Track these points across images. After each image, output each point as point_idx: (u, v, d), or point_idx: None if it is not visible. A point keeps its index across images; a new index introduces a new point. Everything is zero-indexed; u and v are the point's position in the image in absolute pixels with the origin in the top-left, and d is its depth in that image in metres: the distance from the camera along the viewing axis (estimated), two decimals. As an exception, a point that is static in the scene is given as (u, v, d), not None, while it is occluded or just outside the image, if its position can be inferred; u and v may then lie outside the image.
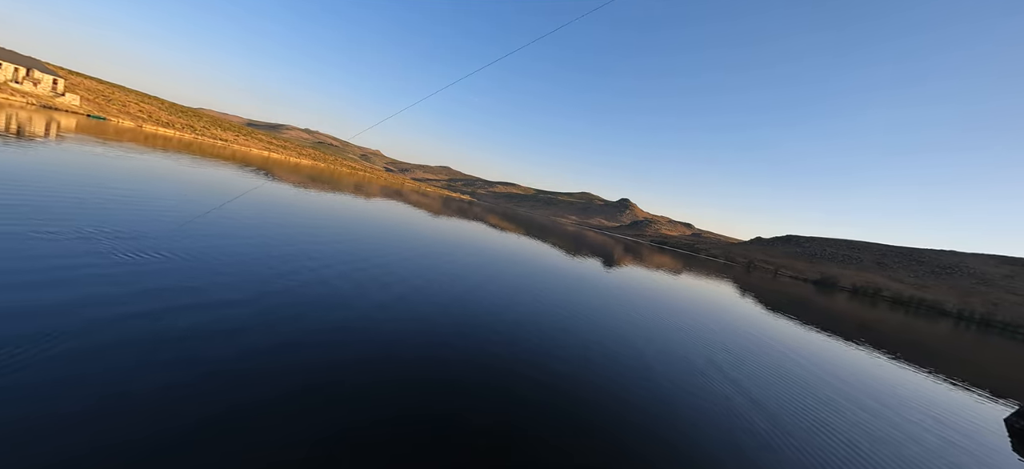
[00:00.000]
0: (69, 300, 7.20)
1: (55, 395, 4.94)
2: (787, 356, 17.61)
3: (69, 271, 8.33)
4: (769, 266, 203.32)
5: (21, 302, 6.77)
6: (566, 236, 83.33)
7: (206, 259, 11.14)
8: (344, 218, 26.72)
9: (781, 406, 11.05)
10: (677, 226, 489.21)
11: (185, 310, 7.92)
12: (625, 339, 13.94)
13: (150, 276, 9.12)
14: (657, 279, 38.60)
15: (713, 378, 12.11)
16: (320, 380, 6.68)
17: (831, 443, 9.32)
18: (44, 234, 9.92)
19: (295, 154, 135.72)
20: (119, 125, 63.41)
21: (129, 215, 13.59)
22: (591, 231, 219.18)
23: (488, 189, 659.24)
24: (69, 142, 28.72)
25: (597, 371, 10.30)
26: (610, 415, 8.10)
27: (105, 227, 11.67)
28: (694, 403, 9.76)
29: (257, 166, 56.54)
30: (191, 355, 6.48)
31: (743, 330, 21.53)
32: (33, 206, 11.92)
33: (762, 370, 14.33)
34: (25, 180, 14.67)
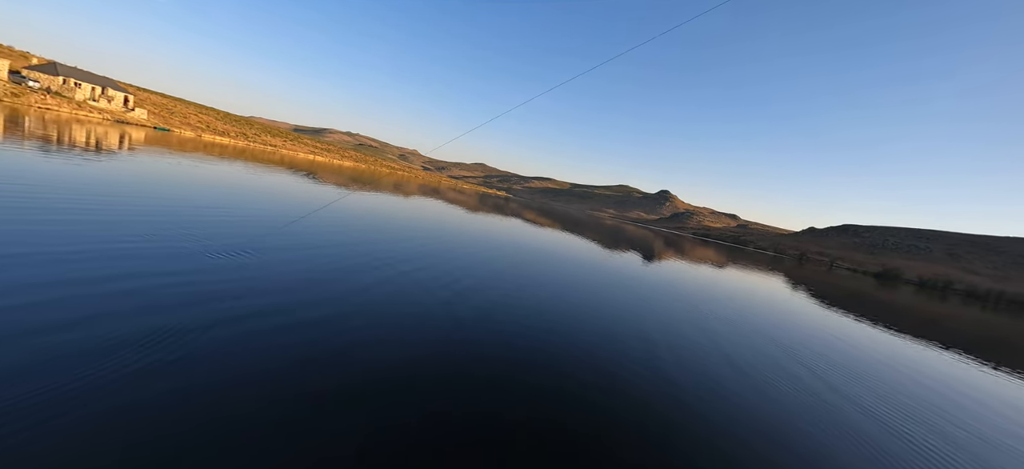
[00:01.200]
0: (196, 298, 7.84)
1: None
2: (867, 356, 16.39)
3: (187, 274, 9.06)
4: (823, 258, 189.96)
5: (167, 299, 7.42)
6: (603, 230, 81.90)
7: (287, 266, 11.78)
8: (397, 221, 27.51)
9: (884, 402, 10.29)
10: (721, 218, 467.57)
11: (281, 309, 8.48)
12: (684, 337, 13.47)
13: (247, 279, 9.75)
14: (701, 274, 37.14)
15: (771, 379, 11.46)
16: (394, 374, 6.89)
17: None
18: (166, 239, 10.86)
19: (338, 156, 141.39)
20: (181, 135, 68.51)
21: (228, 227, 14.59)
22: (629, 225, 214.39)
23: (524, 184, 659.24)
24: (143, 153, 31.32)
25: (658, 377, 10.00)
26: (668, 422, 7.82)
27: (213, 237, 12.63)
28: (757, 399, 9.26)
29: (304, 169, 59.44)
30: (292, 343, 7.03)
31: (797, 327, 20.27)
32: (144, 218, 13.07)
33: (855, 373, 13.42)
34: (120, 191, 16.11)
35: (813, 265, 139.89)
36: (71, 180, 16.42)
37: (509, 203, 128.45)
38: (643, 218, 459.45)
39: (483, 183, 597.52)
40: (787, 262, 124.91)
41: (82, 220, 11.75)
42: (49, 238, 9.83)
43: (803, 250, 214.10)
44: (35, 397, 4.83)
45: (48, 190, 14.14)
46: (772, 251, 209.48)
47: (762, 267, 69.33)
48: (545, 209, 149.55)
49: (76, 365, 5.56)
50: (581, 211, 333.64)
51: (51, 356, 5.62)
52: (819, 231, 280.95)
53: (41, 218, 11.17)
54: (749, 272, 51.34)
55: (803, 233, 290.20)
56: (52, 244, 9.51)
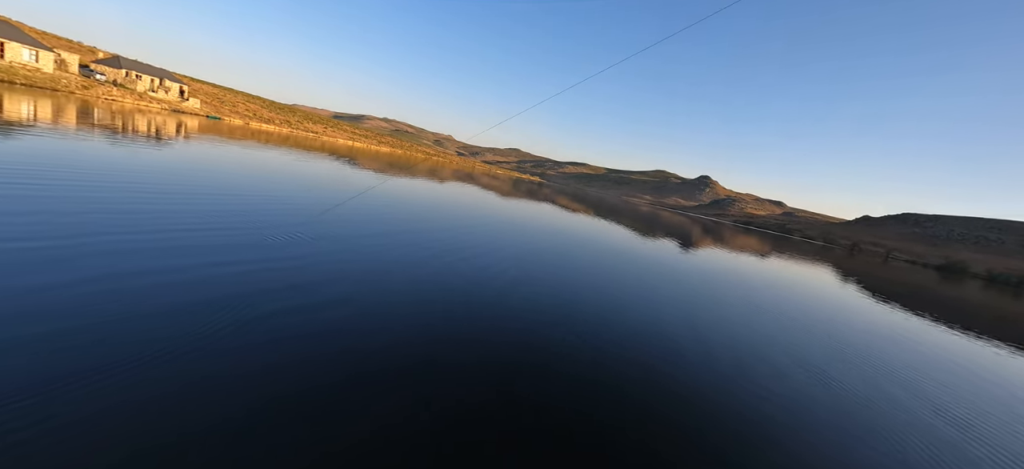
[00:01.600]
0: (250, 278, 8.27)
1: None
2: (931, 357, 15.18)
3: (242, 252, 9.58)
4: (879, 249, 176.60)
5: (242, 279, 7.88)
6: (638, 217, 79.87)
7: (336, 253, 12.20)
8: (437, 208, 27.90)
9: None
10: (765, 205, 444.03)
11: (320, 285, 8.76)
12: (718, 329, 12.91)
13: (297, 262, 10.17)
14: (738, 262, 35.50)
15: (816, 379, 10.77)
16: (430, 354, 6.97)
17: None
18: (232, 223, 11.52)
19: (375, 142, 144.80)
20: (231, 123, 72.15)
21: (281, 215, 15.29)
22: (667, 211, 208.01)
23: (558, 170, 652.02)
24: (200, 141, 33.21)
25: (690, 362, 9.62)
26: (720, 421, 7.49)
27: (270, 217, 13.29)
28: (792, 400, 8.73)
29: (344, 154, 61.27)
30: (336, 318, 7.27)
31: (840, 321, 18.98)
32: (209, 202, 13.89)
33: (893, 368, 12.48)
34: (188, 175, 17.17)
35: (866, 256, 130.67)
36: (140, 166, 17.60)
37: (542, 189, 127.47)
38: (681, 204, 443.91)
39: (517, 168, 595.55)
40: (837, 252, 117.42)
41: (164, 203, 12.55)
42: (127, 225, 10.53)
43: (855, 240, 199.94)
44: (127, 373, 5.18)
45: (118, 176, 15.19)
46: (821, 240, 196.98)
47: (808, 257, 65.51)
48: (579, 195, 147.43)
49: (150, 343, 5.93)
50: (616, 197, 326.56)
51: (131, 340, 6.00)
52: (875, 220, 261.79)
53: (107, 208, 11.97)
54: (793, 262, 48.62)
55: (856, 221, 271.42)
56: (136, 230, 10.19)
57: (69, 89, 48.97)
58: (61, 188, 12.12)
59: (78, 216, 10.29)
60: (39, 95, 39.85)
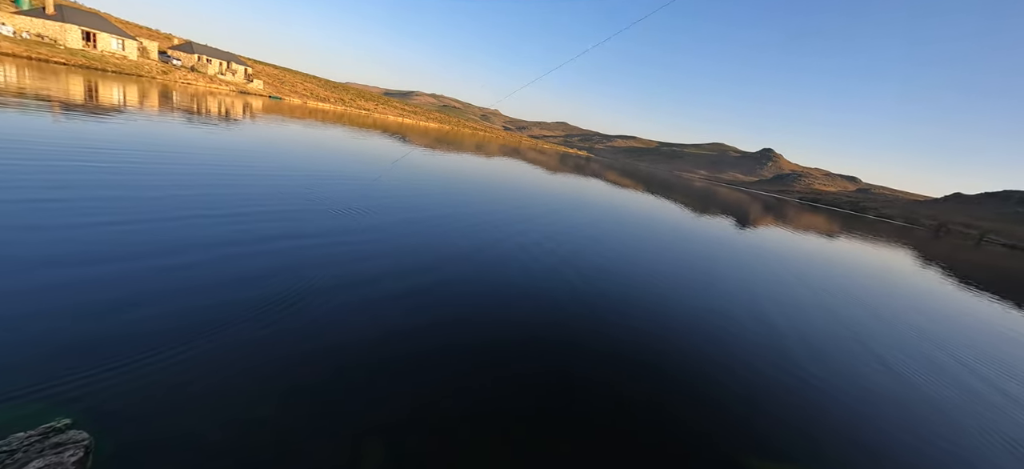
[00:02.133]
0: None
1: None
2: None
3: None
4: (970, 231, 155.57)
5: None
6: (690, 193, 75.70)
7: (398, 229, 12.40)
8: (491, 183, 27.81)
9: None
10: (836, 180, 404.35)
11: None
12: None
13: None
14: (790, 243, 32.51)
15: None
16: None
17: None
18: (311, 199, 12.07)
19: (424, 118, 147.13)
20: (291, 103, 75.85)
21: (345, 191, 15.83)
22: (723, 187, 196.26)
23: (606, 143, 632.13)
24: (269, 121, 35.09)
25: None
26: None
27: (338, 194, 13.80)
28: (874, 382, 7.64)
29: (394, 131, 62.66)
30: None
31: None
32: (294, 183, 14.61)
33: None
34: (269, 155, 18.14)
35: (955, 238, 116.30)
36: (219, 146, 18.72)
37: (590, 163, 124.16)
38: (739, 180, 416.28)
39: (564, 142, 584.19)
40: (919, 234, 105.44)
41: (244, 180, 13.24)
42: (219, 201, 11.14)
43: (943, 220, 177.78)
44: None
45: (213, 157, 16.21)
46: (901, 220, 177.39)
47: (882, 238, 59.14)
48: (628, 170, 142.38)
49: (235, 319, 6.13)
50: (668, 172, 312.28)
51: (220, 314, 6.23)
52: (968, 198, 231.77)
53: (191, 183, 12.70)
54: (860, 243, 44.00)
55: (946, 199, 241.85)
56: (227, 206, 10.77)
57: (151, 75, 53.32)
58: (161, 169, 13.02)
59: (189, 191, 10.97)
60: (127, 81, 43.67)
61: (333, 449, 4.57)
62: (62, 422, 4.12)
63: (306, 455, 4.43)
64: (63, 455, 3.70)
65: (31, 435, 3.86)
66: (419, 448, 4.85)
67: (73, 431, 4.03)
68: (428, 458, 4.75)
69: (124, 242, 8.20)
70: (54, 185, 10.30)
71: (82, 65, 45.70)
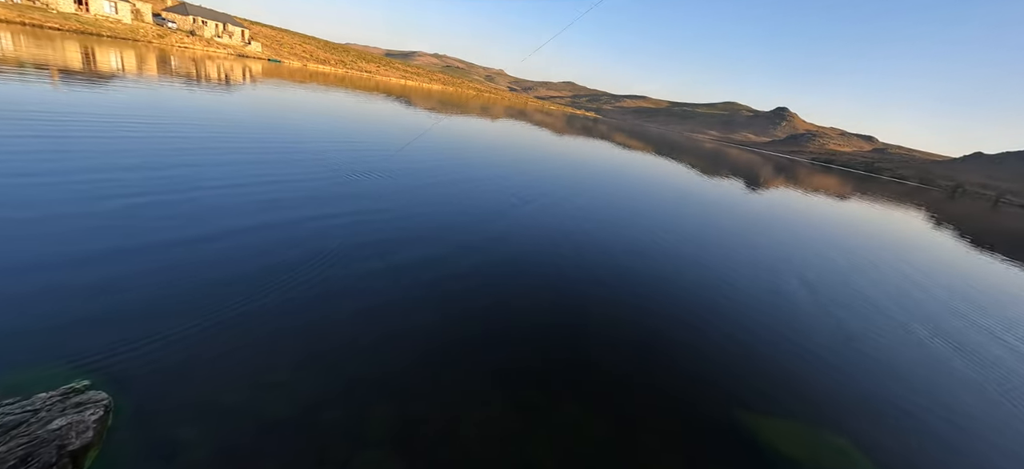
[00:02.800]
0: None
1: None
2: None
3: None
4: (986, 192, 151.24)
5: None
6: (699, 155, 74.25)
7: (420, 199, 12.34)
8: (504, 152, 27.39)
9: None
10: (851, 140, 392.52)
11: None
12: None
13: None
14: (787, 205, 32.01)
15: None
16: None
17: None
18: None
19: (427, 80, 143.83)
20: (290, 66, 74.29)
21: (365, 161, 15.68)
22: (734, 148, 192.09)
23: (615, 104, 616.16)
24: (269, 86, 34.48)
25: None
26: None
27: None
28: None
29: (398, 94, 61.45)
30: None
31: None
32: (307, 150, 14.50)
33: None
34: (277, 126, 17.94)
35: (970, 199, 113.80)
36: (232, 115, 18.50)
37: (597, 125, 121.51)
38: (751, 141, 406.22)
39: (571, 103, 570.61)
40: (934, 195, 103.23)
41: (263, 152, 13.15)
42: (227, 175, 11.10)
43: (960, 180, 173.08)
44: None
45: (215, 124, 16.05)
46: (916, 181, 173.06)
47: (894, 199, 58.03)
48: (637, 131, 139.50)
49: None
50: (679, 133, 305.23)
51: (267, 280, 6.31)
52: (989, 157, 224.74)
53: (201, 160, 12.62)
54: (870, 205, 43.25)
55: (965, 159, 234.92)
56: (255, 186, 10.74)
57: (147, 39, 52.18)
58: (164, 140, 12.93)
59: (196, 167, 10.93)
60: (123, 46, 42.79)
61: (345, 412, 4.68)
62: (81, 383, 4.24)
63: (320, 417, 4.55)
64: (84, 414, 3.82)
65: (52, 395, 3.98)
66: (424, 412, 4.96)
67: (92, 392, 4.15)
68: (430, 422, 4.85)
69: (139, 216, 8.23)
70: (73, 160, 10.27)
71: (77, 30, 44.75)
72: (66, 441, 3.51)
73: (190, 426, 4.12)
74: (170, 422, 4.12)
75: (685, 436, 5.42)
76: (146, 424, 4.05)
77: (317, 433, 4.35)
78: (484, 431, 4.82)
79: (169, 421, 4.13)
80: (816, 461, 5.42)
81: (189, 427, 4.11)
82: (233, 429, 4.20)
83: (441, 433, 4.67)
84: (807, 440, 5.80)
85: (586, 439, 5.02)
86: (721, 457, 5.20)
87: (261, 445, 4.10)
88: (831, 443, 5.82)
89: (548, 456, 4.67)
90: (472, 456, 4.48)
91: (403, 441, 4.48)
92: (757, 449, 5.43)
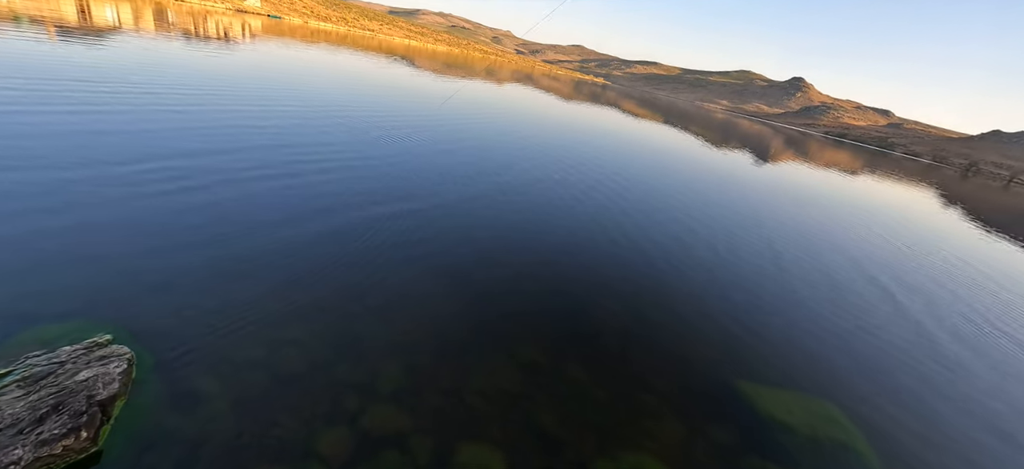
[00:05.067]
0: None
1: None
2: None
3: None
4: (1000, 171, 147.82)
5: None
6: (708, 125, 72.80)
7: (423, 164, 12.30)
8: (523, 122, 26.97)
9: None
10: (867, 113, 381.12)
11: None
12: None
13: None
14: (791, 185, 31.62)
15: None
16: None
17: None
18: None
19: (432, 41, 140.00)
20: (291, 23, 72.31)
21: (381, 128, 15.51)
22: (745, 119, 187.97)
23: (625, 70, 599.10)
24: (269, 44, 33.70)
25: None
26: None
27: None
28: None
29: (402, 55, 60.01)
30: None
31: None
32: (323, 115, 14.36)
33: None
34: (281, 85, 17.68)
35: (984, 179, 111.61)
36: (236, 76, 18.21)
37: (606, 92, 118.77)
38: (763, 112, 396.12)
39: (580, 68, 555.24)
40: (947, 173, 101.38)
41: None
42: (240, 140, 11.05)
43: (975, 159, 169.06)
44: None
45: (218, 84, 15.84)
46: (929, 158, 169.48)
47: (905, 177, 57.14)
48: (647, 99, 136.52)
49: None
50: (689, 102, 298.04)
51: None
52: (1008, 135, 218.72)
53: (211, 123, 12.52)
54: (881, 182, 42.66)
55: (982, 137, 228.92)
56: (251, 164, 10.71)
57: (145, -9, 50.67)
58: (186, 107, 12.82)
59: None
60: (119, 1, 41.64)
61: (358, 369, 4.87)
62: (104, 337, 4.41)
63: (333, 373, 4.74)
64: (109, 366, 4.00)
65: (77, 348, 4.15)
66: (432, 371, 5.15)
67: (115, 346, 4.32)
68: (438, 380, 5.05)
69: (148, 178, 8.28)
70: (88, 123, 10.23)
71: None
72: (94, 391, 3.69)
73: (210, 379, 4.31)
74: (190, 375, 4.31)
75: (683, 398, 5.62)
76: (168, 377, 4.24)
77: (331, 387, 4.55)
78: (490, 390, 5.02)
79: (189, 374, 4.31)
80: (809, 427, 5.62)
81: (209, 380, 4.30)
82: (250, 382, 4.39)
83: (449, 391, 4.86)
84: (799, 407, 6.00)
85: (589, 400, 5.22)
86: (717, 420, 5.40)
87: (277, 396, 4.30)
88: (822, 411, 6.02)
89: (551, 415, 4.87)
90: (478, 413, 4.68)
91: (413, 396, 4.69)
92: (753, 413, 5.64)
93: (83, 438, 3.39)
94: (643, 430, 4.98)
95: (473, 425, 4.55)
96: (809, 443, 5.40)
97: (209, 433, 3.82)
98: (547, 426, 4.75)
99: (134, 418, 3.78)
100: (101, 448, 3.49)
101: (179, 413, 3.93)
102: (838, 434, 5.66)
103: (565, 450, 4.52)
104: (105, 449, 3.50)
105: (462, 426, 4.51)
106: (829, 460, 5.25)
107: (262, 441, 3.87)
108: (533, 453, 4.41)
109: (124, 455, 3.50)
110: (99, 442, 3.51)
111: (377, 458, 3.98)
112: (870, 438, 5.71)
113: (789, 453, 5.18)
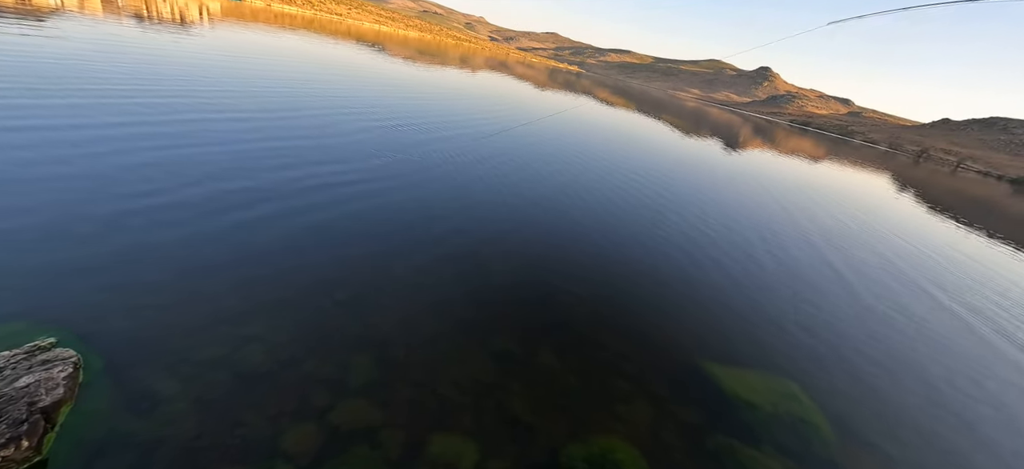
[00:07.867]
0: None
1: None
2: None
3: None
4: (949, 157, 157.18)
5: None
6: (680, 113, 74.23)
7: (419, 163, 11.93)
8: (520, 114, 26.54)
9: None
10: (829, 103, 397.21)
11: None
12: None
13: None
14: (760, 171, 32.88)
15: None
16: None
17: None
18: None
19: (403, 26, 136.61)
20: (253, 6, 68.95)
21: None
22: (714, 107, 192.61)
23: (599, 58, 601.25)
24: (228, 29, 31.99)
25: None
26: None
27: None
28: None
29: (372, 41, 58.26)
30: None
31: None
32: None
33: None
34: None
35: (933, 165, 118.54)
36: (190, 60, 17.16)
37: (579, 80, 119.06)
38: (731, 100, 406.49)
39: (554, 56, 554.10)
40: (901, 160, 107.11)
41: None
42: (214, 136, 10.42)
43: (926, 146, 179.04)
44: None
45: (168, 71, 14.90)
46: (885, 145, 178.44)
47: (862, 163, 60.01)
48: (620, 87, 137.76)
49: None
50: (661, 90, 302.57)
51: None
52: (955, 124, 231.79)
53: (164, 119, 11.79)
54: (840, 170, 44.76)
55: (932, 125, 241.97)
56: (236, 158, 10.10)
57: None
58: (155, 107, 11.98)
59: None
60: (62, -25, 38.60)
61: (326, 363, 4.75)
62: (47, 341, 4.14)
63: (301, 368, 4.61)
64: (52, 370, 3.75)
65: (16, 353, 3.88)
66: (404, 363, 5.09)
67: (59, 349, 4.06)
68: (412, 368, 5.00)
69: (100, 167, 7.78)
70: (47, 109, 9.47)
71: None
72: (36, 397, 3.46)
73: (166, 379, 4.11)
74: (145, 376, 4.10)
75: (652, 382, 5.77)
76: (120, 379, 4.02)
77: (298, 383, 4.42)
78: (462, 381, 5.00)
79: (143, 376, 4.10)
80: (771, 404, 5.88)
81: (165, 380, 4.10)
82: (211, 381, 4.21)
83: (421, 383, 4.82)
84: (762, 386, 6.26)
85: (560, 386, 5.29)
86: (685, 401, 5.58)
87: (241, 395, 4.15)
88: (783, 389, 6.31)
89: (524, 403, 4.91)
90: (450, 404, 4.66)
91: (384, 389, 4.62)
92: (719, 393, 5.85)
93: (25, 447, 3.19)
94: (614, 414, 5.09)
95: (445, 416, 4.53)
96: (771, 419, 5.65)
97: (166, 436, 3.65)
98: (519, 414, 4.78)
99: (82, 424, 3.57)
100: (45, 457, 3.29)
101: (133, 416, 3.74)
102: (797, 409, 5.94)
103: (537, 437, 4.57)
104: (50, 457, 3.30)
105: (434, 417, 4.48)
106: (789, 433, 5.52)
107: (224, 441, 3.73)
108: (506, 441, 4.43)
109: (71, 462, 3.31)
110: (43, 451, 3.30)
111: (347, 453, 3.91)
112: (825, 411, 6.03)
113: (752, 429, 5.41)
